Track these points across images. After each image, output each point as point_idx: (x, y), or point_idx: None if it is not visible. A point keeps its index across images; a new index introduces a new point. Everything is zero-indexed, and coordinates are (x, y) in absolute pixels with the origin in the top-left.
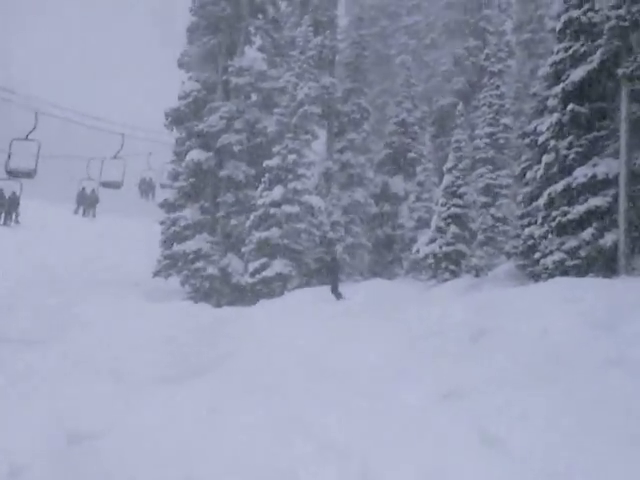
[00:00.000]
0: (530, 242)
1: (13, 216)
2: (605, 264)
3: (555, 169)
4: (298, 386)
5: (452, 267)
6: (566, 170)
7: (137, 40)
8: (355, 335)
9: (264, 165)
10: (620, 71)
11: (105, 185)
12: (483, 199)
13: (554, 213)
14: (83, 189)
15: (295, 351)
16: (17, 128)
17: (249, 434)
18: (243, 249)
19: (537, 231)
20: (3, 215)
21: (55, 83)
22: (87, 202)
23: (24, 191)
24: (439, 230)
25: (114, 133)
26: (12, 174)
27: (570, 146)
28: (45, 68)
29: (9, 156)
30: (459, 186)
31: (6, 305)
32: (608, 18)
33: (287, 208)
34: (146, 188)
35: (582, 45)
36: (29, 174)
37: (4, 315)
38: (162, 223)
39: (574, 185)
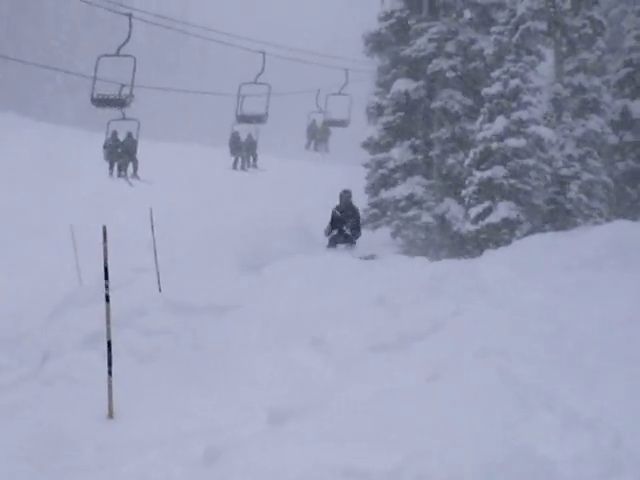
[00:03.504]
0: None
1: (251, 160)
2: None
3: None
4: (535, 349)
5: None
6: None
7: None
8: (595, 289)
9: (483, 93)
10: None
11: (328, 123)
12: None
13: None
14: (313, 121)
15: (529, 309)
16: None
17: (479, 403)
18: (463, 192)
19: None
20: (240, 159)
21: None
22: (318, 136)
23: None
24: None
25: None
26: (243, 119)
27: None
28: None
29: (238, 101)
30: None
31: (199, 266)
32: None
33: (512, 142)
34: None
35: None
36: (260, 118)
37: (196, 279)
38: (366, 166)
39: None
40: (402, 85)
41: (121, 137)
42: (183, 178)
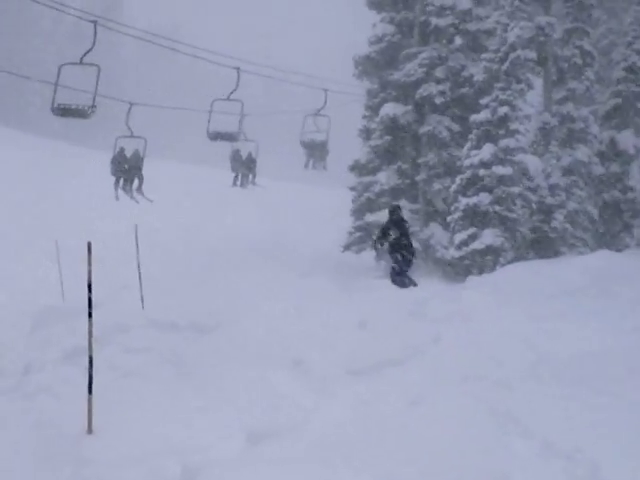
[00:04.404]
0: None
1: (250, 177)
2: None
3: None
4: (514, 377)
5: None
6: None
7: None
8: (575, 319)
9: (471, 120)
10: None
11: (305, 145)
12: None
13: None
14: (312, 140)
15: (510, 336)
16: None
17: (456, 430)
18: (448, 218)
19: None
20: (240, 176)
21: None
22: (316, 154)
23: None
24: None
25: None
26: (215, 137)
27: None
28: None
29: (210, 118)
30: None
31: (168, 289)
32: None
33: (498, 169)
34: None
35: None
36: (233, 137)
37: (179, 298)
38: (353, 189)
39: None
40: (390, 109)
41: (128, 153)
42: (179, 196)
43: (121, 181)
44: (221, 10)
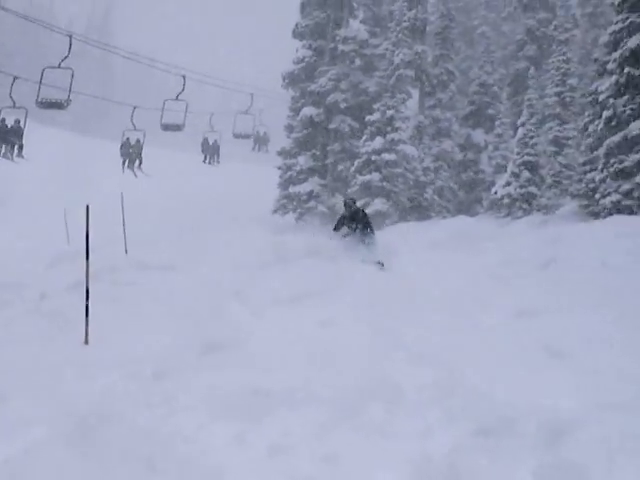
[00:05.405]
0: (591, 185)
1: (215, 157)
2: None
3: (613, 123)
4: (398, 306)
5: (525, 206)
6: (623, 124)
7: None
8: (442, 263)
9: (366, 119)
10: None
11: (236, 136)
12: (552, 149)
13: (612, 160)
14: (257, 132)
15: (392, 276)
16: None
17: (354, 344)
18: (348, 190)
19: (597, 176)
20: (208, 157)
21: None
22: (260, 141)
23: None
24: (514, 175)
25: (243, 92)
26: (166, 128)
27: (626, 103)
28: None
29: (162, 113)
30: (531, 137)
31: (149, 239)
32: None
33: (386, 156)
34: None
35: (638, 17)
36: (179, 127)
37: (147, 247)
38: (279, 168)
39: (629, 137)
40: (308, 111)
41: (131, 142)
42: (164, 172)
43: (127, 162)
44: (188, 34)
